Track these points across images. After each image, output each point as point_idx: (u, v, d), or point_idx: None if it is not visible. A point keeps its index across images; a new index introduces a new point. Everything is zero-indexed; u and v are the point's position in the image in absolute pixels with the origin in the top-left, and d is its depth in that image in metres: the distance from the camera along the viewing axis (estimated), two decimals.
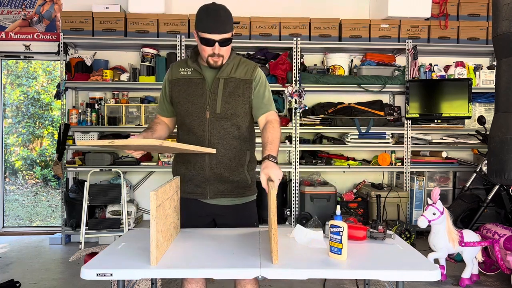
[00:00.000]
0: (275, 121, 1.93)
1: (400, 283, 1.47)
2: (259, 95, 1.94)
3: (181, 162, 1.99)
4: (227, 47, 1.85)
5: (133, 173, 4.72)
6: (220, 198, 1.96)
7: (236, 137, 1.93)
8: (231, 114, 1.89)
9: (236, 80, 1.90)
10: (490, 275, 3.36)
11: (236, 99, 1.89)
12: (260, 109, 1.95)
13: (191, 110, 1.91)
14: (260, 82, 1.95)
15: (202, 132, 1.90)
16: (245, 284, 1.86)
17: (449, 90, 4.33)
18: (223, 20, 1.79)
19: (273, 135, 1.85)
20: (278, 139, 1.87)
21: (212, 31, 1.79)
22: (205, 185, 1.94)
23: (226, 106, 1.88)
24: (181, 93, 1.93)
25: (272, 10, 4.66)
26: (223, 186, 1.94)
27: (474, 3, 4.58)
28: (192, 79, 1.92)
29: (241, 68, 1.93)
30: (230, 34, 1.83)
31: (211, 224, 2.03)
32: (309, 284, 3.16)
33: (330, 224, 1.56)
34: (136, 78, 4.41)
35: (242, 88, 1.90)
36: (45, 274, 3.43)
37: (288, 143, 4.43)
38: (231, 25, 1.83)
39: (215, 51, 1.82)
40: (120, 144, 1.55)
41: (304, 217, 4.19)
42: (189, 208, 1.98)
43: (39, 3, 4.68)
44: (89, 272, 1.40)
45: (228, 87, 1.89)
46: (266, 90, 1.97)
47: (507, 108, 2.87)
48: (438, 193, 2.94)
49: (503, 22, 2.82)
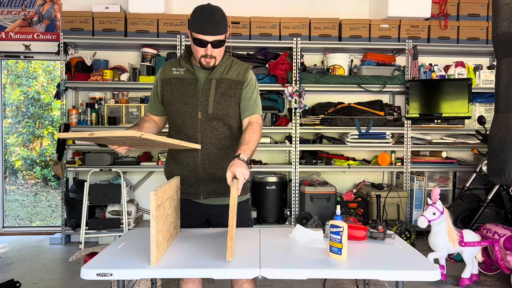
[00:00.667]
0: (256, 124, 1.92)
1: (400, 283, 1.47)
2: (247, 96, 1.94)
3: (174, 162, 1.99)
4: (220, 49, 1.85)
5: (133, 173, 4.72)
6: (213, 198, 1.96)
7: (228, 137, 1.94)
8: (223, 114, 1.90)
9: (228, 81, 1.91)
10: (490, 275, 3.36)
11: (228, 100, 1.90)
12: (246, 111, 1.95)
13: (183, 110, 1.91)
14: (250, 84, 1.95)
15: (194, 132, 1.90)
16: (242, 284, 1.86)
17: (449, 90, 4.33)
18: (216, 22, 1.79)
19: (250, 136, 1.84)
20: (255, 141, 1.85)
21: (205, 33, 1.79)
22: (198, 185, 1.94)
23: (218, 106, 1.89)
24: (173, 92, 1.93)
25: (272, 10, 4.66)
26: (216, 186, 1.94)
27: (474, 3, 4.58)
28: (184, 79, 1.92)
29: (233, 69, 1.93)
30: (223, 36, 1.83)
31: (206, 224, 2.04)
32: (309, 284, 3.16)
33: (330, 224, 1.56)
34: (136, 78, 4.41)
35: (234, 89, 1.91)
36: (45, 274, 3.43)
37: (288, 143, 4.43)
38: (225, 27, 1.83)
39: (208, 52, 1.82)
40: (100, 136, 1.51)
41: (304, 217, 4.19)
42: (182, 208, 1.98)
43: (39, 3, 4.68)
44: (89, 272, 1.40)
45: (220, 87, 1.89)
46: (254, 92, 1.97)
47: (507, 108, 2.87)
48: (438, 193, 2.94)
49: (503, 22, 2.82)
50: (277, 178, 4.40)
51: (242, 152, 1.74)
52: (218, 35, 1.80)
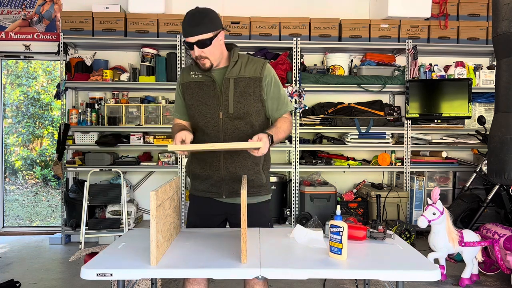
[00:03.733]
0: (287, 118, 1.98)
1: (400, 283, 1.47)
2: (274, 96, 1.95)
3: (196, 162, 2.01)
4: (210, 48, 1.83)
5: (133, 173, 4.72)
6: (234, 197, 1.97)
7: (250, 136, 1.91)
8: (244, 113, 1.91)
9: (245, 79, 1.91)
10: (490, 275, 3.36)
11: (248, 98, 1.90)
12: (277, 110, 1.97)
13: (204, 112, 1.92)
14: (273, 81, 1.95)
15: (216, 132, 1.92)
16: (253, 284, 1.86)
17: (449, 90, 4.33)
18: (196, 22, 1.79)
19: (281, 124, 1.92)
20: (284, 131, 1.92)
21: (187, 34, 1.82)
22: (221, 184, 1.96)
23: (238, 105, 1.89)
24: (194, 95, 1.95)
25: (272, 10, 4.66)
26: (238, 185, 1.94)
27: (474, 3, 4.58)
28: (202, 81, 1.94)
29: (249, 66, 1.93)
30: (208, 35, 1.80)
31: (223, 223, 2.05)
32: (309, 284, 3.16)
33: (330, 224, 1.56)
34: (136, 78, 4.41)
35: (252, 86, 1.91)
36: (45, 274, 3.43)
37: (288, 143, 4.43)
38: (207, 25, 1.80)
39: (196, 53, 1.83)
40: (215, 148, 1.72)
41: (304, 217, 4.19)
42: (202, 207, 2.00)
43: (39, 3, 4.68)
44: (89, 272, 1.40)
45: (238, 86, 1.90)
46: (280, 89, 1.98)
47: (507, 108, 2.87)
48: (438, 193, 2.94)
49: (503, 22, 2.81)
50: (277, 178, 4.40)
51: (271, 132, 1.81)
52: (199, 34, 1.80)
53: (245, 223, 1.46)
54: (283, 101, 1.97)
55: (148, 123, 4.38)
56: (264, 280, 1.76)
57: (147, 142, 4.39)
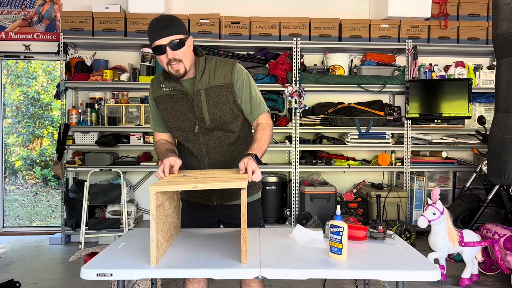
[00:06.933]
0: (265, 124, 1.88)
1: (400, 283, 1.47)
2: (246, 99, 1.86)
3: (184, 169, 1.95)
4: (183, 51, 1.74)
5: (133, 173, 4.72)
6: (226, 202, 1.97)
7: (233, 143, 1.91)
8: (222, 123, 1.85)
9: (216, 87, 1.82)
10: (490, 275, 3.36)
11: (222, 107, 1.82)
12: (251, 114, 1.89)
13: (182, 127, 1.87)
14: (244, 84, 1.85)
15: (198, 145, 1.89)
16: (250, 282, 1.86)
17: (449, 90, 4.33)
18: (167, 23, 1.73)
19: (261, 136, 1.82)
20: (266, 141, 1.82)
21: (158, 37, 1.72)
22: (211, 193, 1.94)
23: (214, 117, 1.83)
24: (168, 110, 1.88)
25: (272, 10, 4.66)
26: (229, 191, 1.93)
27: (474, 3, 4.58)
28: (175, 95, 1.86)
29: (218, 72, 1.83)
30: (180, 36, 1.73)
31: (217, 224, 2.04)
32: (309, 284, 3.16)
33: (330, 224, 1.56)
34: (136, 78, 4.41)
35: (225, 94, 1.82)
36: (45, 274, 3.43)
37: (288, 143, 4.43)
38: (179, 27, 1.74)
39: (169, 56, 1.73)
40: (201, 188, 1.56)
41: (304, 217, 4.19)
42: (193, 210, 1.98)
43: (39, 3, 4.68)
44: (89, 272, 1.40)
45: (210, 97, 1.81)
46: (251, 90, 1.87)
47: (507, 108, 2.87)
48: (438, 193, 2.93)
49: (503, 22, 2.81)
50: (277, 178, 4.40)
51: (253, 151, 1.74)
52: (172, 35, 1.71)
53: (245, 223, 1.46)
54: (255, 103, 1.88)
55: (148, 123, 4.38)
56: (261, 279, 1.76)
57: (147, 142, 4.39)
